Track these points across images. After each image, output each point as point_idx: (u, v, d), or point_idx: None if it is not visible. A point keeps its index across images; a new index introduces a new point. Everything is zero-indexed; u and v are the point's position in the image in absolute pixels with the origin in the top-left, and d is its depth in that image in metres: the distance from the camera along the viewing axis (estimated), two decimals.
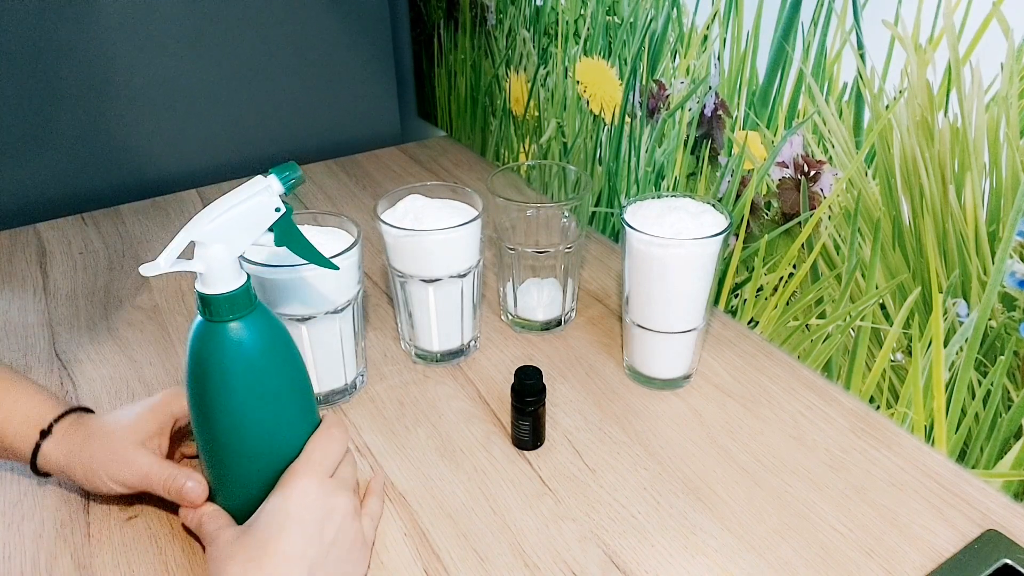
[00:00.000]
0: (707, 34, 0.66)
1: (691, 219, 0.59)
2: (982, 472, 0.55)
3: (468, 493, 0.55)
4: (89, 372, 0.67)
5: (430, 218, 0.62)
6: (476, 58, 1.04)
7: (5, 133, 0.91)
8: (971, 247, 0.51)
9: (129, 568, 0.50)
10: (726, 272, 0.72)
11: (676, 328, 0.62)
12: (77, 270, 0.83)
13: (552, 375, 0.66)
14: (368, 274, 0.82)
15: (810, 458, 0.58)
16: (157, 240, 0.89)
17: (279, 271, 0.55)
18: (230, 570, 0.42)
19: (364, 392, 0.65)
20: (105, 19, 0.93)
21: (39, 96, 0.91)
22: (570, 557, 0.50)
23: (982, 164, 0.49)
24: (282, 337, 0.46)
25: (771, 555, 0.50)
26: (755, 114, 0.64)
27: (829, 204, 0.60)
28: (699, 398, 0.64)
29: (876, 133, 0.55)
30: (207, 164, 1.06)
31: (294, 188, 0.46)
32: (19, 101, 0.90)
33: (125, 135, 0.98)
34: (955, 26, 0.48)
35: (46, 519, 0.53)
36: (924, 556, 0.50)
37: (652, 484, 0.56)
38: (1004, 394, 0.52)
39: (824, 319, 0.64)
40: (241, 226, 0.44)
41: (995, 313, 0.51)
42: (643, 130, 0.78)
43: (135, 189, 1.01)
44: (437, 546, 0.51)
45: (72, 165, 0.96)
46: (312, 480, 0.46)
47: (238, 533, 0.45)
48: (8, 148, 0.92)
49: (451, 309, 0.65)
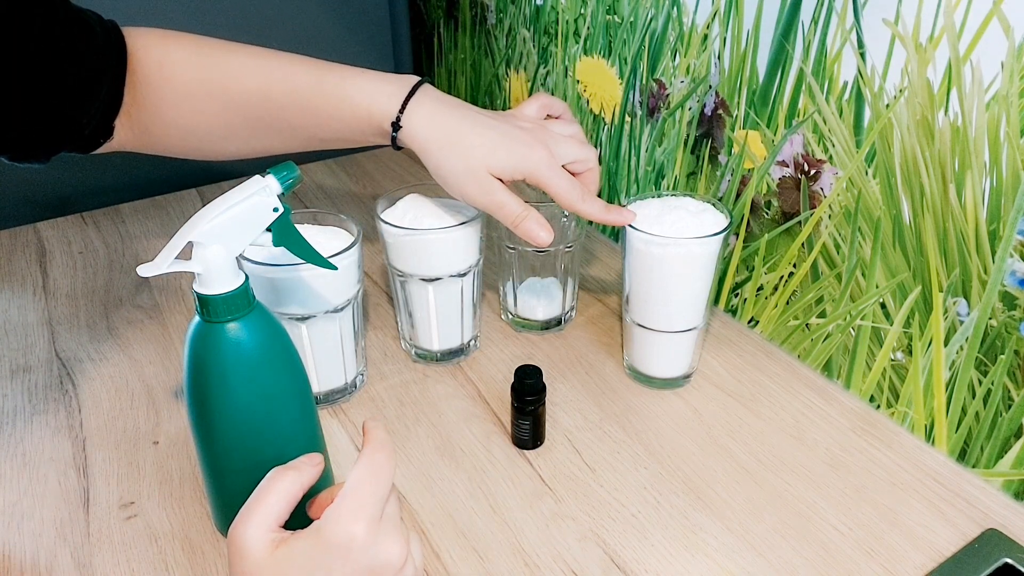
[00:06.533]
0: (707, 33, 0.66)
1: (691, 218, 0.59)
2: (982, 471, 0.55)
3: (468, 492, 0.55)
4: (89, 371, 0.67)
5: (430, 217, 0.62)
6: (476, 57, 1.04)
7: None
8: (971, 246, 0.51)
9: (129, 567, 0.50)
10: (726, 271, 0.72)
11: (676, 327, 0.62)
12: (77, 269, 0.83)
13: (552, 374, 0.66)
14: (368, 273, 0.82)
15: (810, 457, 0.58)
16: (157, 240, 0.89)
17: (278, 270, 0.55)
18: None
19: (364, 391, 0.65)
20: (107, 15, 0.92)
21: None
22: (570, 556, 0.50)
23: (982, 163, 0.49)
24: (281, 337, 0.46)
25: (771, 554, 0.50)
26: (755, 113, 0.64)
27: (829, 203, 0.60)
28: (699, 397, 0.64)
29: (876, 132, 0.55)
30: (207, 164, 1.06)
31: (292, 188, 0.46)
32: None
33: None
34: (955, 25, 0.48)
35: (46, 518, 0.53)
36: (924, 555, 0.50)
37: (652, 483, 0.56)
38: (1005, 393, 0.52)
39: (824, 318, 0.64)
40: (239, 226, 0.44)
41: (995, 312, 0.51)
42: (643, 129, 0.78)
43: (135, 189, 1.01)
44: (437, 545, 0.51)
45: (72, 165, 0.96)
46: (359, 526, 0.37)
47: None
48: None
49: (451, 308, 0.65)
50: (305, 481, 0.40)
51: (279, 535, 0.37)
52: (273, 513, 0.38)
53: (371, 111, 0.57)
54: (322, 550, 0.36)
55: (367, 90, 0.57)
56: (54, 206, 0.96)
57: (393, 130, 0.57)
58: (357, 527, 0.37)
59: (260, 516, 0.38)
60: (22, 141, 0.55)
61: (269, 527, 0.37)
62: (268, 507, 0.38)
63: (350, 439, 0.60)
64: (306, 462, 0.41)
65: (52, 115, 0.55)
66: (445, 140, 0.56)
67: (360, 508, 0.37)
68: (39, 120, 0.55)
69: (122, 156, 0.64)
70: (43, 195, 0.96)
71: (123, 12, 0.93)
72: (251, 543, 0.37)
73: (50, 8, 0.53)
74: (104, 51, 0.56)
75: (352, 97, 0.57)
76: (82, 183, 0.97)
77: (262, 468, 0.46)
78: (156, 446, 0.59)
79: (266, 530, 0.37)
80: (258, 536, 0.37)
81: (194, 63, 0.59)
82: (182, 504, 0.54)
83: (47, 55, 0.53)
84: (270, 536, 0.37)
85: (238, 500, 0.48)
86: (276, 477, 0.40)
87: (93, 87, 0.56)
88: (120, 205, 0.97)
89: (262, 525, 0.37)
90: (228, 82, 0.59)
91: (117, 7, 0.92)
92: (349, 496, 0.37)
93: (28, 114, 0.54)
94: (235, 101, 0.59)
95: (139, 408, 0.63)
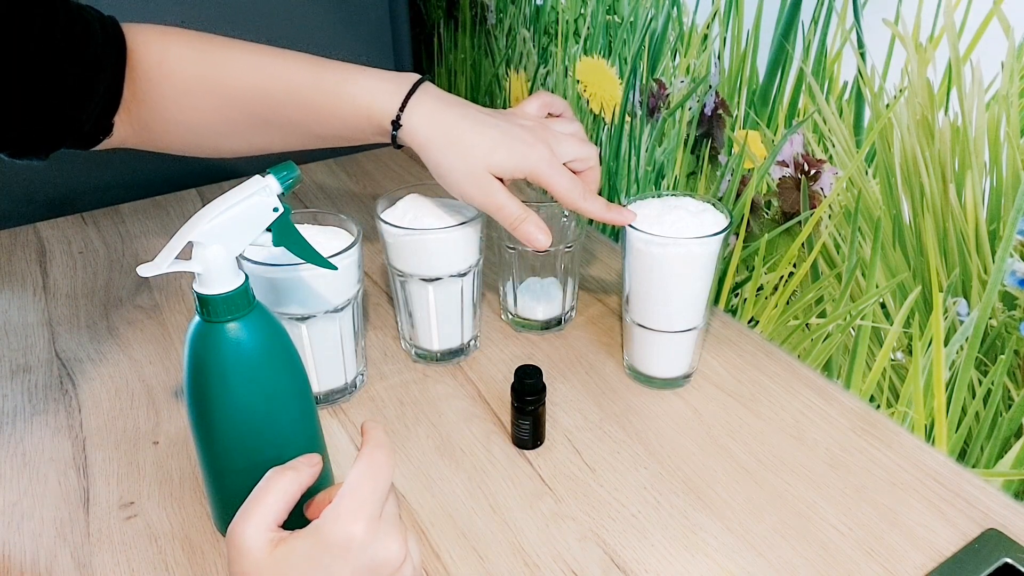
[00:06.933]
0: (707, 33, 0.66)
1: (691, 218, 0.59)
2: (982, 471, 0.55)
3: (468, 492, 0.55)
4: (89, 371, 0.67)
5: (430, 217, 0.62)
6: (476, 57, 1.04)
7: None
8: (971, 246, 0.51)
9: (129, 567, 0.50)
10: (726, 271, 0.72)
11: (676, 327, 0.62)
12: (77, 269, 0.83)
13: (552, 374, 0.66)
14: (368, 273, 0.82)
15: (810, 457, 0.58)
16: (157, 240, 0.89)
17: (278, 270, 0.55)
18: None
19: (364, 391, 0.65)
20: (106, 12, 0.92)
21: None
22: (570, 556, 0.50)
23: (982, 163, 0.49)
24: (281, 337, 0.46)
25: (771, 554, 0.50)
26: (755, 113, 0.64)
27: (829, 203, 0.60)
28: (699, 397, 0.64)
29: (876, 132, 0.55)
30: (207, 163, 1.06)
31: (292, 188, 0.46)
32: None
33: None
34: (955, 24, 0.48)
35: (46, 518, 0.53)
36: (924, 555, 0.50)
37: (652, 483, 0.56)
38: (1005, 393, 0.52)
39: (824, 318, 0.64)
40: (239, 226, 0.44)
41: (995, 312, 0.51)
42: (643, 129, 0.77)
43: (135, 189, 1.01)
44: (437, 545, 0.51)
45: (72, 164, 0.96)
46: (359, 525, 0.37)
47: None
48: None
49: (451, 308, 0.65)
50: (303, 481, 0.40)
51: (278, 534, 0.37)
52: (271, 513, 0.38)
53: (371, 109, 0.57)
54: (321, 549, 0.36)
55: (367, 88, 0.57)
56: (54, 206, 0.96)
57: (393, 128, 0.57)
58: (356, 526, 0.36)
59: (259, 516, 0.38)
60: (22, 138, 0.55)
61: (268, 527, 0.37)
62: (266, 507, 0.38)
63: (350, 439, 0.60)
64: (304, 462, 0.42)
65: (52, 112, 0.55)
66: (445, 139, 0.56)
67: (359, 507, 0.37)
68: (39, 117, 0.55)
69: (122, 155, 0.64)
70: (43, 194, 0.96)
71: (123, 9, 0.93)
72: (250, 543, 0.37)
73: (50, 6, 0.53)
74: (103, 48, 0.56)
75: (352, 94, 0.57)
76: (82, 182, 0.97)
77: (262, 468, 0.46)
78: (156, 446, 0.59)
79: (265, 529, 0.37)
80: (257, 536, 0.37)
81: (194, 59, 0.59)
82: (182, 504, 0.54)
83: (47, 52, 0.53)
84: (269, 536, 0.37)
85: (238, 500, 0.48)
86: (274, 477, 0.40)
87: (92, 84, 0.56)
88: (120, 205, 0.97)
89: (261, 525, 0.37)
90: (228, 78, 0.59)
91: (117, 4, 0.92)
92: (348, 495, 0.37)
93: (28, 111, 0.54)
94: (234, 97, 0.59)
95: (139, 408, 0.63)
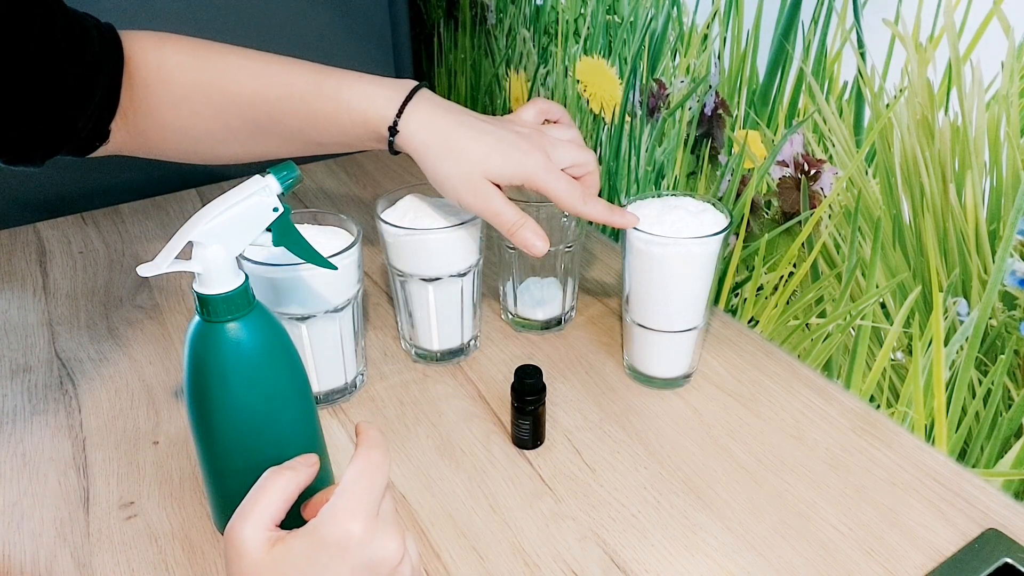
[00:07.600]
0: (707, 33, 0.66)
1: (691, 218, 0.59)
2: (982, 471, 0.55)
3: (468, 492, 0.55)
4: (89, 371, 0.67)
5: (430, 217, 0.62)
6: (476, 57, 1.04)
7: None
8: (971, 246, 0.51)
9: (129, 567, 0.50)
10: (726, 271, 0.72)
11: (676, 327, 0.62)
12: (77, 269, 0.83)
13: (552, 374, 0.66)
14: (368, 273, 0.82)
15: (810, 457, 0.58)
16: (157, 240, 0.89)
17: (278, 270, 0.55)
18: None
19: (364, 391, 0.65)
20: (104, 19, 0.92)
21: None
22: (570, 556, 0.50)
23: (983, 163, 0.49)
24: (281, 337, 0.46)
25: (771, 554, 0.50)
26: (755, 113, 0.64)
27: (829, 203, 0.60)
28: (699, 397, 0.64)
29: (876, 132, 0.55)
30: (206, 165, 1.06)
31: (292, 187, 0.46)
32: None
33: None
34: (955, 24, 0.48)
35: (45, 518, 0.53)
36: (924, 555, 0.50)
37: (652, 483, 0.56)
38: (1005, 393, 0.52)
39: (824, 318, 0.64)
40: (239, 226, 0.44)
41: (995, 312, 0.51)
42: (643, 129, 0.78)
43: (135, 189, 1.01)
44: (437, 545, 0.51)
45: (72, 164, 0.96)
46: (356, 524, 0.37)
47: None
48: None
49: (451, 308, 0.65)
50: (301, 481, 0.40)
51: (275, 534, 0.37)
52: (269, 512, 0.38)
53: (368, 115, 0.57)
54: (319, 548, 0.36)
55: (365, 94, 0.57)
56: (54, 206, 0.96)
57: (390, 135, 0.57)
58: (353, 524, 0.36)
59: (256, 515, 0.38)
60: (20, 139, 0.55)
61: (265, 526, 0.38)
62: (264, 506, 0.38)
63: (350, 439, 0.60)
64: (302, 462, 0.42)
65: (51, 112, 0.55)
66: (441, 145, 0.56)
67: (356, 506, 0.37)
68: (36, 123, 0.55)
69: (122, 156, 0.64)
70: (43, 195, 0.96)
71: (120, 15, 0.93)
72: (248, 542, 0.37)
73: (48, 11, 0.53)
74: (100, 54, 0.56)
75: (349, 101, 0.57)
76: (82, 183, 0.97)
77: (262, 468, 0.46)
78: (156, 446, 0.59)
79: (263, 529, 0.37)
80: (255, 535, 0.37)
81: (191, 66, 0.59)
82: (182, 504, 0.54)
83: (47, 52, 0.53)
84: (266, 535, 0.37)
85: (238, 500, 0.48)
86: (272, 477, 0.40)
87: (91, 85, 0.56)
88: (120, 205, 0.97)
89: (259, 524, 0.37)
90: (225, 85, 0.59)
91: (115, 10, 0.92)
92: (345, 494, 0.37)
93: (25, 116, 0.54)
94: (232, 104, 0.59)
95: (139, 408, 0.63)
